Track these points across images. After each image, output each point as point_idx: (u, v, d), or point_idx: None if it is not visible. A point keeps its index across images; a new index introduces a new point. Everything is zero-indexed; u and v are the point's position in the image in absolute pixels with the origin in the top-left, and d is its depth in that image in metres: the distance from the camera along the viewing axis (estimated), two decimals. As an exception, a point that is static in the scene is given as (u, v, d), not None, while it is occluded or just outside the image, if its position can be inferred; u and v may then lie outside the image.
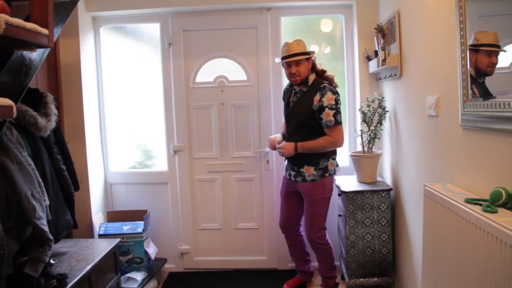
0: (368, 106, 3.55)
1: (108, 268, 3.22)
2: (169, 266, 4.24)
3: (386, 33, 3.36)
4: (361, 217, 3.32)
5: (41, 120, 2.75)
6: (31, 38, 1.49)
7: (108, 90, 4.18)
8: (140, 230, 3.73)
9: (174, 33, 4.05)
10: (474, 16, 1.86)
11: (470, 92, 1.94)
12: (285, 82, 4.03)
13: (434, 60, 2.45)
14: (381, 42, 3.38)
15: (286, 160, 3.57)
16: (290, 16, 4.10)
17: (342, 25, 4.06)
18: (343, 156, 4.08)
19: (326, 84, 3.33)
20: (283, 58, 3.35)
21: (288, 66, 3.34)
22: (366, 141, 3.53)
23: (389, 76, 3.35)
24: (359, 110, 3.66)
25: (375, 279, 3.39)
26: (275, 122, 4.03)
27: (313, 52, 3.41)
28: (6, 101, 1.35)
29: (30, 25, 1.47)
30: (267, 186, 4.11)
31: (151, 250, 3.86)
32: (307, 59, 3.35)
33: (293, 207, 3.63)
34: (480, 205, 1.70)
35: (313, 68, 3.43)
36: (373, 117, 3.51)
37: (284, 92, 3.68)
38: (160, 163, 4.28)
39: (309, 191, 3.42)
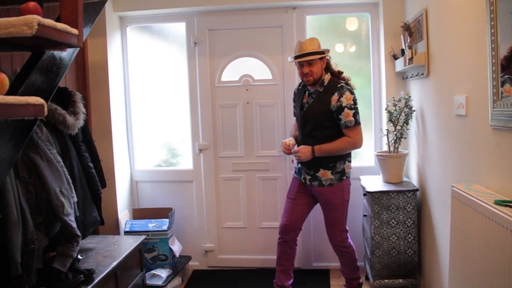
0: (395, 105, 3.51)
1: (133, 264, 3.26)
2: (193, 264, 4.28)
3: (413, 31, 3.32)
4: (386, 218, 3.28)
5: (70, 119, 2.80)
6: (62, 38, 1.52)
7: (134, 89, 4.23)
8: (165, 227, 3.77)
9: (200, 32, 4.07)
10: (505, 14, 1.81)
11: (500, 91, 1.89)
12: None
13: (463, 58, 2.41)
14: (408, 40, 3.33)
15: (299, 164, 3.39)
16: (315, 15, 4.08)
17: (368, 24, 4.02)
18: (368, 156, 4.05)
19: (343, 84, 3.21)
20: (295, 58, 3.22)
21: (300, 65, 3.22)
22: (392, 141, 3.49)
23: (416, 75, 3.30)
24: (385, 109, 3.62)
25: (400, 280, 3.35)
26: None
27: (327, 51, 3.28)
28: (38, 100, 1.38)
29: (61, 25, 1.50)
30: (292, 185, 4.09)
31: (176, 247, 3.90)
32: (321, 58, 3.21)
33: (301, 209, 3.43)
34: (511, 207, 1.67)
35: (328, 68, 3.30)
36: (399, 117, 3.46)
37: (295, 93, 3.52)
38: (185, 162, 4.32)
39: (327, 196, 3.30)
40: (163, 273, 3.65)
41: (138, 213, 4.07)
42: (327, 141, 3.20)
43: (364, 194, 3.55)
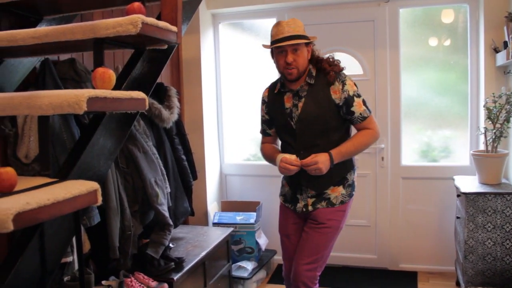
0: (494, 102, 3.29)
1: (220, 255, 3.35)
2: (278, 258, 4.29)
3: (520, 22, 3.08)
4: (482, 221, 3.10)
5: (165, 112, 2.92)
6: (162, 35, 1.59)
7: (225, 84, 4.33)
8: (252, 221, 3.83)
9: (290, 27, 4.07)
10: None
11: None
12: (405, 76, 3.89)
13: None
14: (513, 32, 3.11)
15: (288, 186, 2.62)
16: (409, 8, 3.92)
17: (466, 15, 3.78)
18: (463, 155, 3.84)
19: (335, 69, 2.45)
20: (274, 42, 2.38)
21: (280, 53, 2.39)
22: (491, 140, 3.28)
23: (522, 70, 3.07)
24: (484, 106, 3.40)
25: (497, 289, 3.16)
26: (391, 117, 3.90)
27: (314, 38, 2.46)
28: (140, 94, 1.46)
29: (162, 23, 1.58)
30: (381, 183, 3.99)
31: (262, 241, 3.95)
32: (307, 45, 2.42)
33: None
34: None
35: (313, 59, 2.49)
36: (500, 114, 3.24)
37: (264, 101, 2.70)
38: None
39: (325, 216, 2.48)
40: (249, 265, 3.71)
41: (226, 206, 4.17)
42: (334, 147, 2.43)
43: (458, 195, 3.37)
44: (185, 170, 3.21)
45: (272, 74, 4.18)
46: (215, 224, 3.86)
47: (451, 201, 3.55)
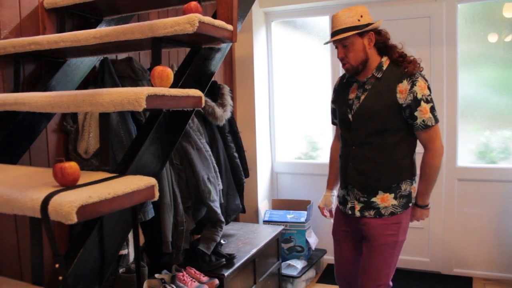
0: None
1: (270, 253, 3.36)
2: (328, 258, 4.27)
3: None
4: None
5: (218, 110, 2.96)
6: (218, 34, 1.62)
7: (277, 82, 4.33)
8: (303, 219, 3.81)
9: (344, 25, 4.02)
10: None
11: None
12: (462, 74, 3.76)
13: None
14: None
15: (340, 183, 2.48)
16: (468, 3, 3.78)
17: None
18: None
19: (410, 68, 2.23)
20: (331, 37, 2.25)
21: (336, 48, 2.28)
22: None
23: None
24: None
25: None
26: (447, 117, 3.77)
27: (375, 24, 2.23)
28: (197, 92, 1.49)
29: (218, 22, 1.60)
30: (435, 184, 3.87)
31: (312, 240, 3.93)
32: (362, 35, 2.18)
33: (350, 256, 2.48)
34: None
35: (385, 48, 2.27)
36: None
37: (335, 90, 2.51)
38: (325, 155, 4.31)
39: (378, 231, 2.28)
40: (299, 264, 3.70)
41: (277, 204, 4.18)
42: (388, 152, 2.24)
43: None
44: (237, 167, 3.24)
45: (324, 73, 4.17)
46: (265, 222, 3.87)
47: (511, 204, 3.41)
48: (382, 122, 2.20)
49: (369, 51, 2.21)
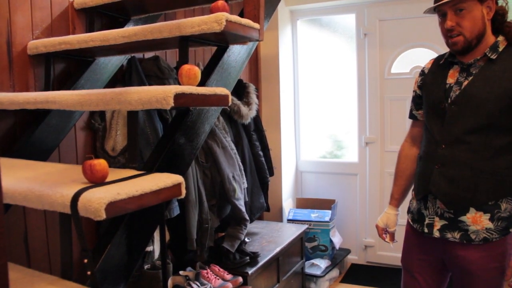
0: None
1: (294, 252, 3.36)
2: (352, 258, 4.24)
3: None
4: None
5: (244, 109, 2.97)
6: (245, 32, 1.62)
7: (303, 81, 4.32)
8: (327, 218, 3.80)
9: (370, 23, 3.99)
10: None
11: None
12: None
13: None
14: None
15: (416, 193, 1.97)
16: None
17: None
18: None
19: None
20: (435, 2, 1.78)
21: (442, 17, 1.78)
22: None
23: None
24: None
25: None
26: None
27: None
28: (224, 90, 1.50)
29: (245, 20, 1.60)
30: None
31: (336, 239, 3.91)
32: (482, 2, 1.68)
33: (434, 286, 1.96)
34: None
35: (500, 25, 1.75)
36: None
37: (424, 73, 2.04)
38: (350, 154, 4.29)
39: (475, 263, 1.75)
40: (322, 263, 3.69)
41: (301, 203, 4.17)
42: (490, 157, 1.70)
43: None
44: (262, 166, 3.24)
45: (349, 72, 4.14)
46: (289, 221, 3.87)
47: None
48: (488, 116, 1.67)
49: (488, 23, 1.73)
